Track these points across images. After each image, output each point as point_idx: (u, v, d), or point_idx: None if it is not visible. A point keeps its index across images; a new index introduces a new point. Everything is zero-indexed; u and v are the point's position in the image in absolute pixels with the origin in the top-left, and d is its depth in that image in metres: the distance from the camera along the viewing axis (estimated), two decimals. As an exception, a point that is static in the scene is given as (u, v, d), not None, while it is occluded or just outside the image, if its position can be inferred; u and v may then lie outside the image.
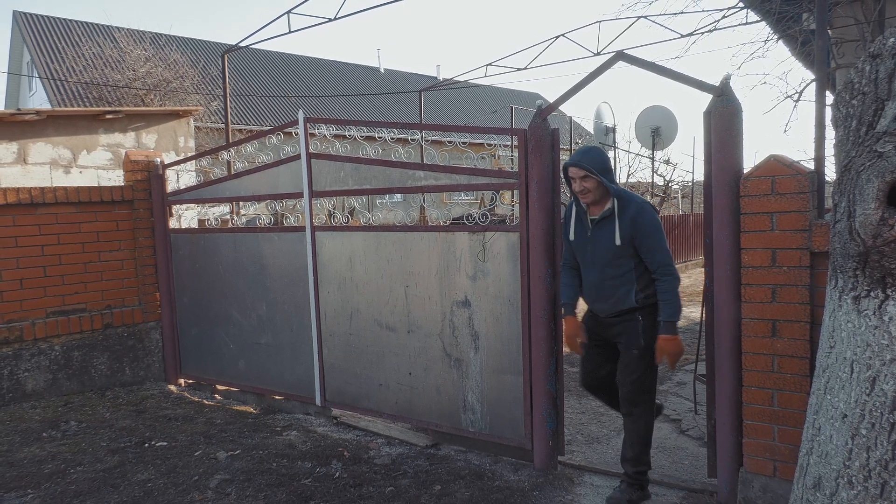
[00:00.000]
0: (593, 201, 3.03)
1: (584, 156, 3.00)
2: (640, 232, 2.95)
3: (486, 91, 29.31)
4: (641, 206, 2.99)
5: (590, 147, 3.08)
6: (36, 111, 6.46)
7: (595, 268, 3.09)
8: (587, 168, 2.94)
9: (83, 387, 5.07)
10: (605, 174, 2.97)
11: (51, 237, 4.93)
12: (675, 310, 2.95)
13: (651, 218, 2.98)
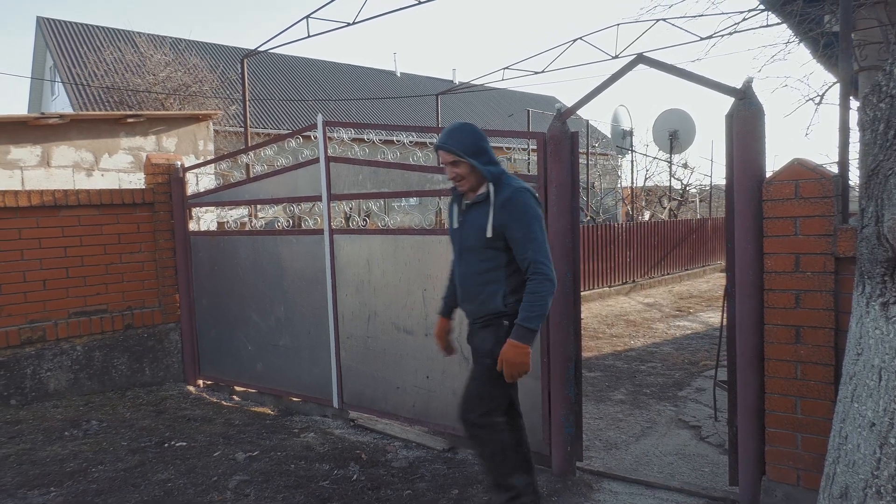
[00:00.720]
0: (471, 188, 2.66)
1: (449, 136, 2.60)
2: (511, 219, 2.53)
3: (502, 94, 29.30)
4: (517, 190, 2.57)
5: (459, 125, 2.64)
6: (59, 115, 6.57)
7: (463, 261, 2.72)
8: (454, 151, 2.57)
9: (104, 387, 5.13)
10: (476, 156, 2.57)
11: (73, 239, 5.01)
12: (536, 315, 2.51)
13: (524, 203, 2.55)
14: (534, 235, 2.54)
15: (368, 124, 4.26)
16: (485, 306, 2.66)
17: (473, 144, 2.58)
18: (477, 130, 2.64)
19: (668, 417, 4.49)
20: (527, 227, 2.54)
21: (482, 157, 2.59)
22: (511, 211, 2.54)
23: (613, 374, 5.69)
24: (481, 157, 2.59)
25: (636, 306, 9.70)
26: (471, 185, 2.64)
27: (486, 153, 2.61)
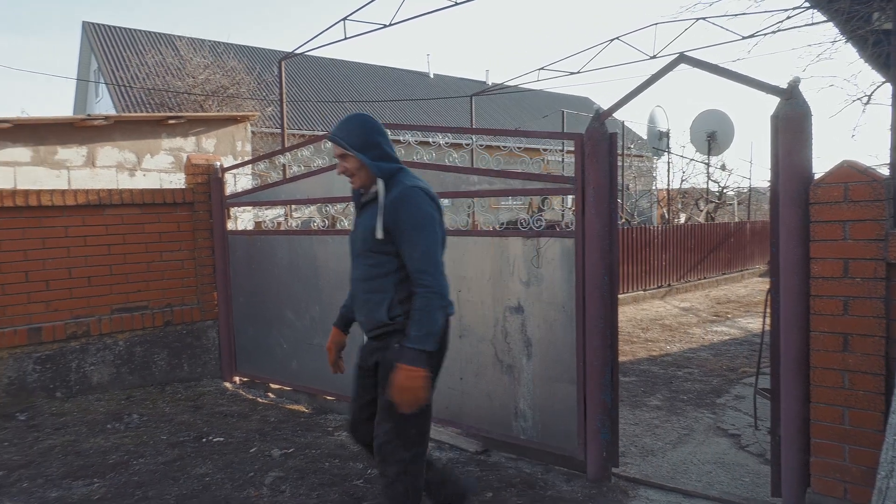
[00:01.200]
0: (363, 186, 2.44)
1: (338, 127, 2.39)
2: (399, 220, 2.27)
3: (535, 96, 29.14)
4: (408, 188, 2.31)
5: (351, 115, 2.44)
6: (104, 116, 6.77)
7: (354, 266, 2.49)
8: (341, 143, 2.36)
9: (144, 381, 5.26)
10: (365, 150, 2.34)
11: (117, 237, 5.14)
12: (426, 334, 2.23)
13: (415, 205, 2.28)
14: (421, 241, 2.26)
15: (404, 125, 4.27)
16: (371, 317, 2.40)
17: (362, 137, 2.36)
18: (369, 122, 2.41)
19: (706, 425, 4.39)
20: (414, 230, 2.26)
21: (372, 151, 2.36)
22: (400, 212, 2.28)
23: (649, 380, 5.59)
24: (371, 151, 2.35)
25: (672, 310, 9.54)
26: (362, 181, 2.41)
27: (378, 147, 2.38)
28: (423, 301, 2.24)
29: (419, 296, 2.25)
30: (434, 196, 2.41)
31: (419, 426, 2.39)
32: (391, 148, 2.44)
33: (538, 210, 13.36)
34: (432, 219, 2.32)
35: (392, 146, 2.46)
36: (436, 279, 2.26)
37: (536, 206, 13.90)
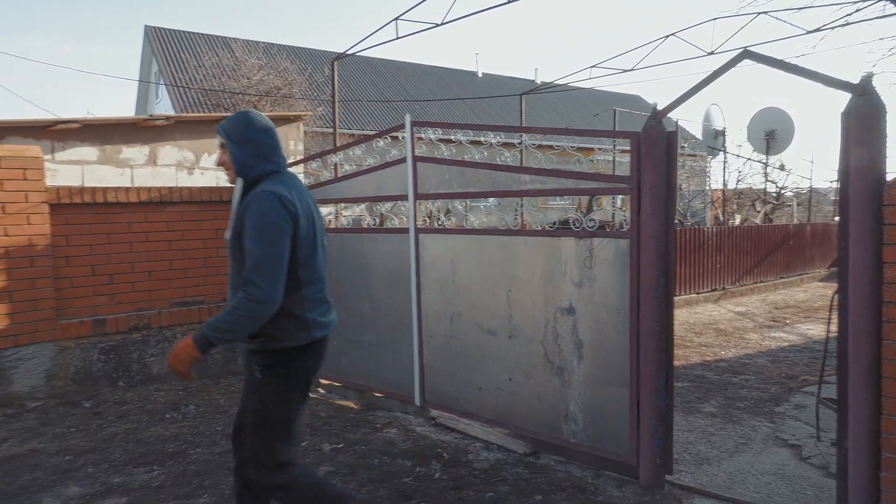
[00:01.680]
0: (234, 180, 2.37)
1: (229, 118, 2.35)
2: (245, 226, 2.19)
3: (585, 94, 28.74)
4: (259, 194, 2.20)
5: (243, 111, 2.39)
6: (165, 117, 7.01)
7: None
8: (221, 133, 2.32)
9: (200, 373, 5.42)
10: (241, 144, 2.28)
11: (176, 233, 5.32)
12: (222, 329, 2.12)
13: (259, 211, 2.16)
14: (255, 249, 2.13)
15: (455, 124, 4.27)
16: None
17: (243, 132, 2.29)
18: (256, 120, 2.34)
19: (765, 434, 4.23)
20: (251, 238, 2.15)
21: (247, 146, 2.28)
22: (246, 216, 2.19)
23: (703, 386, 5.43)
24: (246, 146, 2.28)
25: (726, 315, 9.25)
26: (232, 177, 2.35)
27: (256, 145, 2.29)
28: (239, 302, 2.12)
29: (239, 297, 2.13)
30: (292, 203, 2.23)
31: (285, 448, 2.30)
32: (274, 152, 2.35)
33: (587, 210, 13.18)
34: (276, 225, 2.17)
35: (278, 151, 2.36)
36: (261, 290, 2.11)
37: (585, 206, 13.71)
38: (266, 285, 2.12)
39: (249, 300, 2.10)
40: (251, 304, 2.10)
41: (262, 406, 2.28)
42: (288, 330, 2.26)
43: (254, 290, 2.11)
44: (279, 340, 2.25)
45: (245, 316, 2.10)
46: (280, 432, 2.29)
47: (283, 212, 2.19)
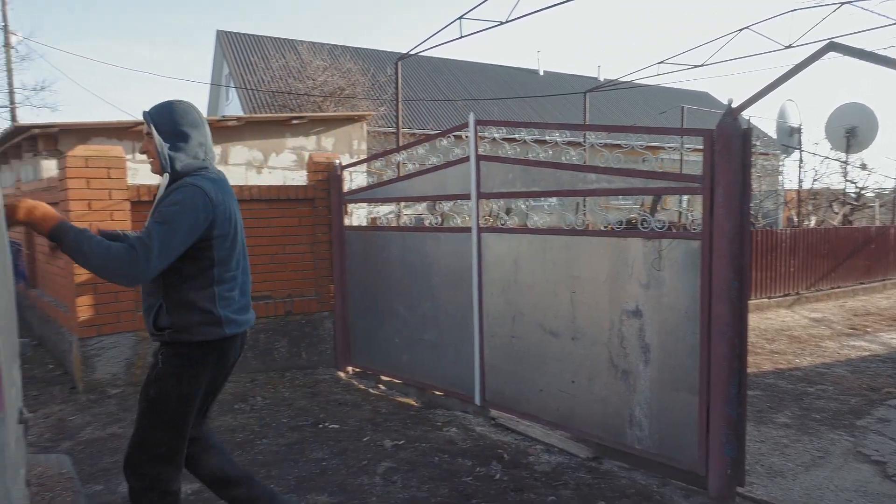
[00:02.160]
0: (158, 171, 2.26)
1: (158, 106, 2.25)
2: (159, 206, 2.14)
3: (651, 92, 27.98)
4: (184, 185, 2.17)
5: (173, 100, 2.29)
6: (237, 118, 7.28)
7: None
8: (147, 120, 2.22)
9: (266, 367, 5.59)
10: (170, 137, 2.20)
11: (246, 230, 5.47)
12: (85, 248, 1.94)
13: (180, 198, 2.11)
14: (158, 227, 2.04)
15: (520, 122, 4.23)
16: (146, 321, 2.26)
17: (172, 123, 2.21)
18: (187, 111, 2.27)
19: (844, 448, 4.00)
20: (161, 217, 2.08)
21: (176, 140, 2.21)
22: (165, 201, 2.14)
23: (775, 395, 5.19)
24: (175, 140, 2.21)
25: (800, 321, 8.81)
26: (156, 167, 2.25)
27: (185, 139, 2.22)
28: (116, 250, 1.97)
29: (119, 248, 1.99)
30: (213, 203, 2.18)
31: (169, 442, 2.23)
32: (203, 149, 2.31)
33: (651, 210, 12.83)
34: (185, 218, 2.09)
35: (207, 147, 2.32)
36: (139, 264, 1.99)
37: (649, 206, 13.35)
38: (147, 264, 2.01)
39: (125, 259, 1.97)
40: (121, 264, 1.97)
41: (158, 395, 2.22)
42: (198, 324, 2.22)
43: (137, 256, 1.99)
44: (188, 333, 2.21)
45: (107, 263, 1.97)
46: (168, 424, 2.23)
47: (201, 210, 2.14)
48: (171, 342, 2.22)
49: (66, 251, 1.97)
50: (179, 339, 2.22)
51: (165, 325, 2.20)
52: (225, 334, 2.29)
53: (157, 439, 2.23)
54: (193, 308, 2.21)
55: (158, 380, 2.23)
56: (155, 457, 2.23)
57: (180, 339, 2.22)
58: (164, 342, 2.24)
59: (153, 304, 2.23)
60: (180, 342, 2.22)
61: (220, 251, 2.25)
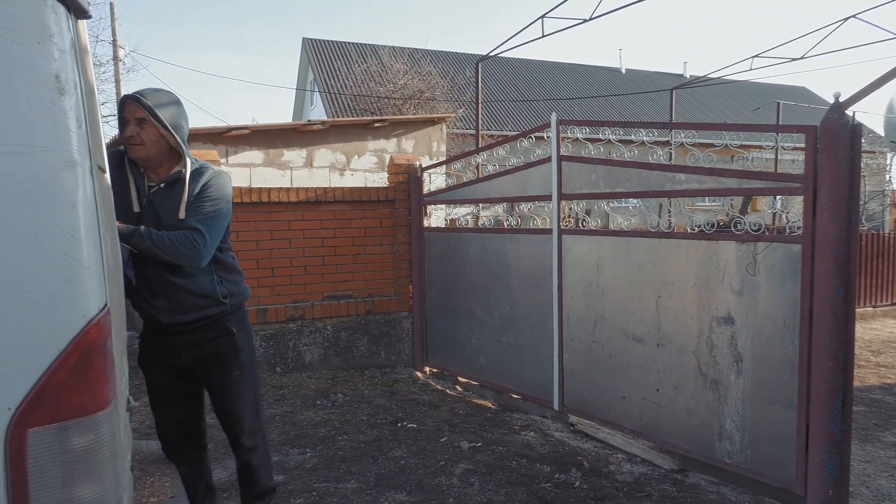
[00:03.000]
0: (146, 158, 2.20)
1: (153, 94, 2.18)
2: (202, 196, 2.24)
3: (740, 88, 26.65)
4: (219, 173, 2.33)
5: (165, 90, 2.26)
6: (321, 122, 7.51)
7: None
8: (150, 110, 2.13)
9: (346, 364, 5.73)
10: (176, 130, 2.20)
11: (328, 231, 5.65)
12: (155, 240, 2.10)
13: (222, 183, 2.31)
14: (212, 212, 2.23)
15: (603, 121, 4.12)
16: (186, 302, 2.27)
17: (176, 116, 2.21)
18: (182, 105, 2.30)
19: (965, 474, 3.64)
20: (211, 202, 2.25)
21: (180, 133, 2.23)
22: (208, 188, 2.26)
23: (882, 411, 4.80)
24: (180, 133, 2.23)
25: (911, 333, 8.11)
26: (148, 154, 2.18)
27: (183, 132, 2.26)
28: (182, 235, 2.15)
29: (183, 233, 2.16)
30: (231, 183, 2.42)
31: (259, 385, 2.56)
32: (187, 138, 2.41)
33: (741, 212, 12.19)
34: (228, 204, 2.32)
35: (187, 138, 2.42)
36: (202, 248, 2.17)
37: (739, 208, 12.69)
38: (212, 244, 2.23)
39: (195, 243, 2.15)
40: (193, 247, 2.15)
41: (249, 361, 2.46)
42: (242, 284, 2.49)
43: (205, 238, 2.18)
44: (242, 296, 2.47)
45: (176, 249, 2.12)
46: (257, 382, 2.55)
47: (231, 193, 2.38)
48: (231, 309, 2.40)
49: (133, 241, 2.11)
50: (237, 303, 2.43)
51: (225, 293, 2.37)
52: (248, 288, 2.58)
53: (259, 398, 2.54)
54: (235, 271, 2.45)
55: (242, 348, 2.42)
56: (261, 412, 2.57)
57: (237, 302, 2.43)
58: (221, 314, 2.37)
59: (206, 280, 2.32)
60: (238, 305, 2.44)
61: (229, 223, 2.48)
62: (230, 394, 2.42)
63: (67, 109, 1.16)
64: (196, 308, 2.31)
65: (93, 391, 1.17)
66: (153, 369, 2.42)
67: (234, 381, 2.42)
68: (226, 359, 2.39)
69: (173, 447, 2.49)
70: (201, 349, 2.36)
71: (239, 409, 2.44)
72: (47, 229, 1.12)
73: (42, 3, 1.13)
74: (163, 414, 2.47)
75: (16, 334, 1.09)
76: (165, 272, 2.24)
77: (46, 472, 1.11)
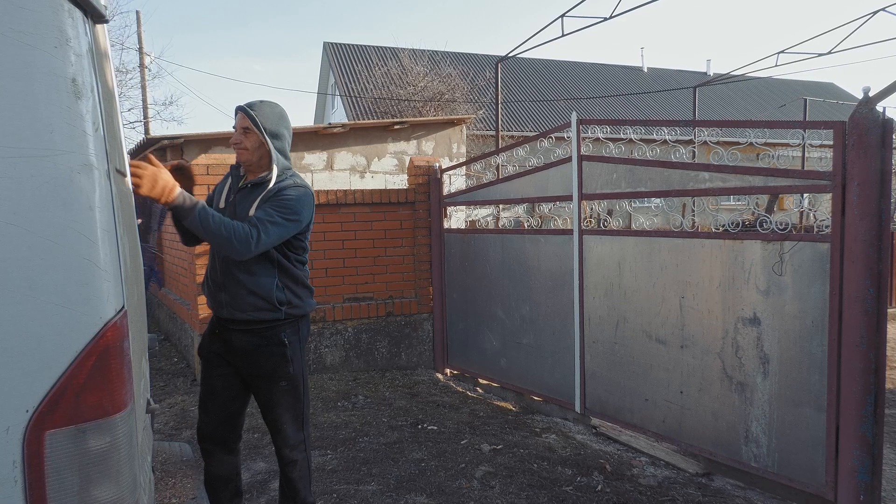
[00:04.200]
0: (248, 162, 2.40)
1: (256, 105, 2.39)
2: (274, 201, 2.29)
3: (765, 84, 26.23)
4: (299, 186, 2.38)
5: (271, 101, 2.45)
6: (342, 125, 7.54)
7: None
8: (255, 120, 2.35)
9: (367, 366, 5.73)
10: (273, 137, 2.37)
11: (349, 233, 5.67)
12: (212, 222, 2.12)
13: (300, 195, 2.33)
14: (278, 220, 2.25)
15: (624, 120, 4.07)
16: (246, 301, 2.34)
17: (275, 124, 2.40)
18: (285, 115, 2.46)
19: None
20: (279, 210, 2.27)
21: (277, 141, 2.39)
22: (280, 195, 2.31)
23: (917, 415, 4.66)
24: (276, 140, 2.39)
25: (946, 334, 7.87)
26: (248, 158, 2.39)
27: (282, 140, 2.42)
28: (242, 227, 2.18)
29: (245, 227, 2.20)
30: (312, 203, 2.43)
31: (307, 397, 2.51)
32: (289, 147, 2.50)
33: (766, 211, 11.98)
34: (297, 217, 2.32)
35: (290, 147, 2.49)
36: (259, 242, 2.20)
37: (764, 207, 12.48)
38: (264, 243, 2.22)
39: (248, 236, 2.18)
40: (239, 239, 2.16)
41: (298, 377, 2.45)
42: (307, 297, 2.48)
43: (258, 235, 2.20)
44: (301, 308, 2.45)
45: (232, 236, 2.15)
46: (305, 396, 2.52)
47: (308, 209, 2.38)
48: (287, 318, 2.41)
49: (187, 221, 2.13)
50: (294, 314, 2.42)
51: (284, 300, 2.39)
52: (315, 305, 2.59)
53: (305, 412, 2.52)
54: (302, 285, 2.46)
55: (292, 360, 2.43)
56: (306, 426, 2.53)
57: (295, 314, 2.42)
58: (276, 321, 2.39)
59: (264, 279, 2.36)
60: (295, 317, 2.44)
61: (307, 240, 2.50)
62: (275, 404, 2.44)
63: (84, 113, 1.16)
64: (253, 308, 2.36)
65: (110, 393, 1.18)
66: (208, 362, 2.49)
67: (280, 391, 2.43)
68: (275, 369, 2.41)
69: (207, 446, 2.51)
70: (253, 354, 2.41)
71: (282, 421, 2.46)
72: (64, 232, 1.12)
73: (59, 7, 1.14)
74: (206, 409, 2.51)
75: (33, 337, 1.10)
76: (231, 266, 2.35)
77: (64, 475, 1.11)
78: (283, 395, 2.43)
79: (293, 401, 2.46)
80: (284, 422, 2.45)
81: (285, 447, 2.48)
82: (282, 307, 2.38)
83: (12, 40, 1.09)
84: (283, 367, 2.40)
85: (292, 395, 2.45)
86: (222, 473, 2.52)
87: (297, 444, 2.49)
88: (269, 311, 2.36)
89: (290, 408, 2.45)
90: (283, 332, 2.41)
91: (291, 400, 2.45)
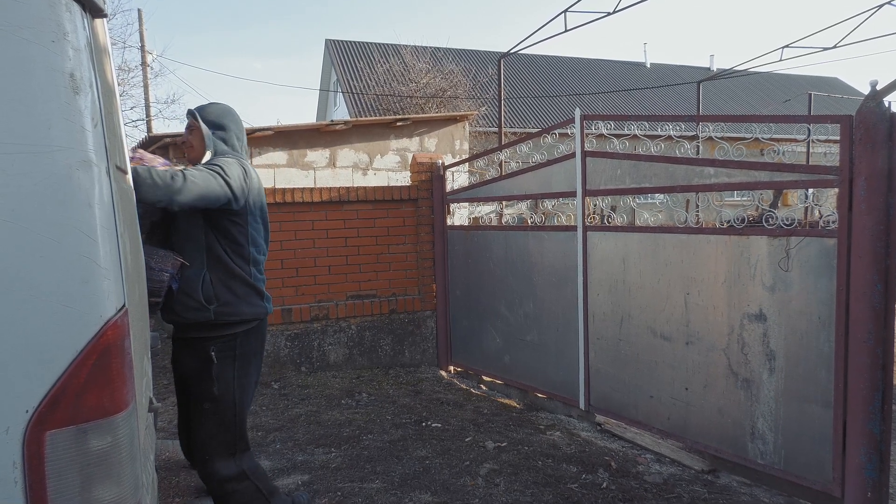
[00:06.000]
0: (197, 160, 2.46)
1: (204, 106, 2.50)
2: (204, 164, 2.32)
3: (769, 80, 26.11)
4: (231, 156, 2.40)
5: (222, 104, 2.56)
6: (344, 122, 7.53)
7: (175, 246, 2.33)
8: (195, 115, 2.44)
9: (371, 363, 5.73)
10: (217, 129, 2.44)
11: (352, 230, 5.66)
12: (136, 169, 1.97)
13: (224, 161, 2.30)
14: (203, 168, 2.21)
15: (628, 116, 4.04)
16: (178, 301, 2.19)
17: (219, 117, 2.46)
18: (229, 110, 2.53)
19: None
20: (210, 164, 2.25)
21: (220, 132, 2.45)
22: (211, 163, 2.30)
23: (924, 411, 4.62)
24: (219, 131, 2.45)
25: (952, 329, 7.83)
26: (198, 158, 2.45)
27: (224, 130, 2.46)
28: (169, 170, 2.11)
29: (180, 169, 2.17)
30: (251, 174, 2.39)
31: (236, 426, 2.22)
32: (240, 143, 2.51)
33: (771, 206, 11.93)
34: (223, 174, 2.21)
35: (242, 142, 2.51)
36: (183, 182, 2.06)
37: (769, 202, 12.42)
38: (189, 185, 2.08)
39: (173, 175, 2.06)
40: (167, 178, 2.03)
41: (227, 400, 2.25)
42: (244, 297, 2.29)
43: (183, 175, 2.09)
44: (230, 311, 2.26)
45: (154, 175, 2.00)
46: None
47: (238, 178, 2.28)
48: (221, 324, 2.22)
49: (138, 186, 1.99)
50: (229, 321, 2.24)
51: (215, 304, 2.21)
52: (269, 310, 2.43)
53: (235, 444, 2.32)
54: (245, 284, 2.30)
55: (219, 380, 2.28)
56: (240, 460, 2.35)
57: (230, 321, 2.24)
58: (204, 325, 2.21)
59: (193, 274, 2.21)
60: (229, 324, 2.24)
61: (253, 229, 2.39)
62: (196, 427, 2.21)
63: (83, 108, 1.15)
64: (182, 308, 2.19)
65: (111, 393, 1.17)
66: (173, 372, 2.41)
67: (203, 413, 2.19)
68: (199, 386, 2.18)
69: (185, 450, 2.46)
70: (180, 366, 2.27)
71: (205, 449, 2.20)
72: (63, 230, 1.11)
73: (56, 1, 1.12)
74: (179, 413, 2.46)
75: (32, 336, 1.09)
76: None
77: (65, 475, 1.10)
78: (206, 418, 2.17)
79: (217, 427, 2.17)
80: (208, 450, 2.18)
81: (211, 481, 2.20)
82: (210, 306, 2.17)
83: (9, 34, 1.07)
84: (207, 385, 2.15)
85: (216, 420, 2.17)
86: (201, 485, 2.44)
87: (229, 478, 2.19)
88: (195, 311, 2.17)
89: (213, 435, 2.18)
90: (214, 345, 2.17)
91: (214, 426, 2.17)
